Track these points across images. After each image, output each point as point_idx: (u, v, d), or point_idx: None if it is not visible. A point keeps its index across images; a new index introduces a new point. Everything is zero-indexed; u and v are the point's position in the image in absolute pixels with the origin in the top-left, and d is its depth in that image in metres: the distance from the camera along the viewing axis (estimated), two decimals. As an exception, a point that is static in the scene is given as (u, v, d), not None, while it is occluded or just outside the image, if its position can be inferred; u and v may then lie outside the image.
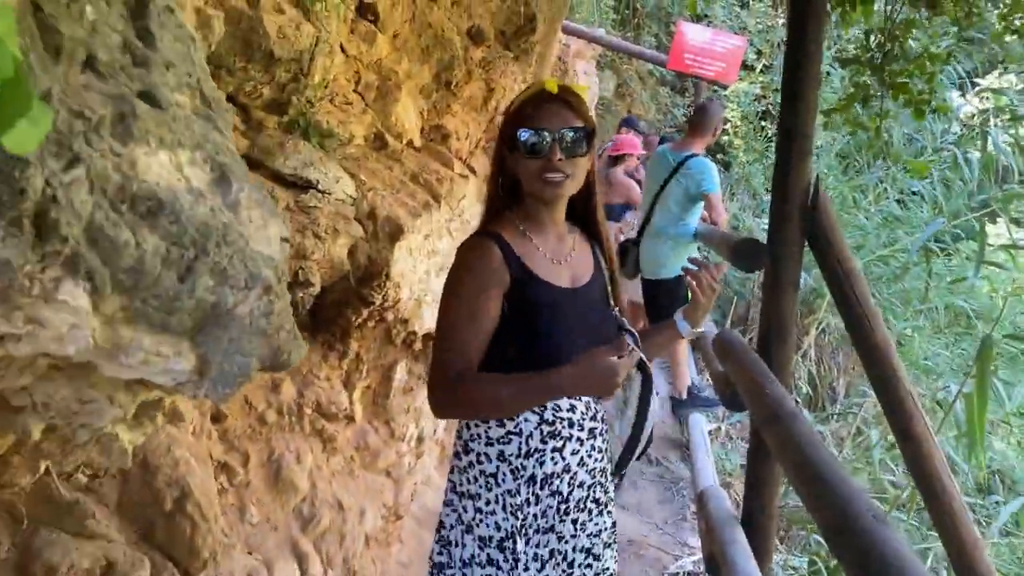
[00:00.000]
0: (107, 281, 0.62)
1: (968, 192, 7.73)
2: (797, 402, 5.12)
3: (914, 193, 8.22)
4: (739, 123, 13.82)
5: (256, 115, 2.60)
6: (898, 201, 8.14)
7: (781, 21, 17.67)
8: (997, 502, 4.51)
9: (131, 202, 0.64)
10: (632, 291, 5.42)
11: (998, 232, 6.56)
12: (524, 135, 1.62)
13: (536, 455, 1.65)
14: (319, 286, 2.56)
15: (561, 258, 1.74)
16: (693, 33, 7.74)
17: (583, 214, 1.83)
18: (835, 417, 5.61)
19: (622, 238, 5.23)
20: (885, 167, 8.10)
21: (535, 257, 1.67)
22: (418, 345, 3.25)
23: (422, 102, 3.59)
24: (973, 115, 9.85)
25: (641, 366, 1.83)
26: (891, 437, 3.99)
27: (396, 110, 3.19)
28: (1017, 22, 2.42)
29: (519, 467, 1.65)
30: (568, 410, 1.67)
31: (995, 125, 8.47)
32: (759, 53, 16.37)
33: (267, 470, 2.56)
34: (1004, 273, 6.22)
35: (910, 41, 2.53)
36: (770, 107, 12.59)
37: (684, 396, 4.82)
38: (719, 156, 12.31)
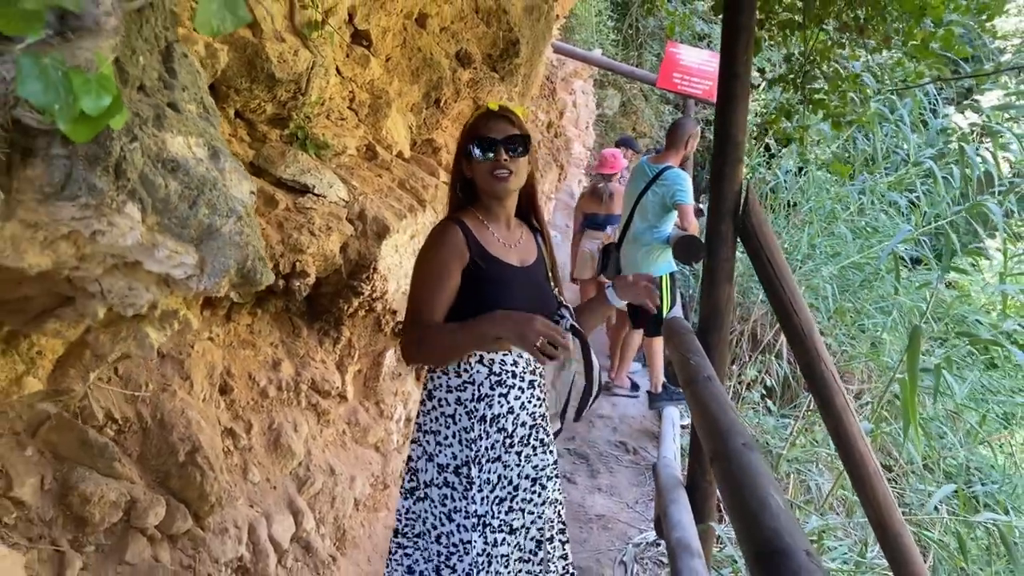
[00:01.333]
0: (149, 205, 1.03)
1: (949, 203, 8.05)
2: (768, 406, 5.45)
3: (896, 205, 8.55)
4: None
5: (260, 128, 3.00)
6: (885, 213, 8.48)
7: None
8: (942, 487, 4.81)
9: (163, 163, 1.05)
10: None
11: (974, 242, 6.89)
12: (477, 143, 2.04)
13: (486, 399, 2.03)
14: (314, 276, 2.94)
15: (511, 243, 2.14)
16: (685, 54, 8.14)
17: (527, 209, 2.25)
18: (808, 412, 5.93)
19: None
20: (866, 180, 8.44)
21: (490, 240, 2.07)
22: (405, 334, 3.62)
23: (412, 118, 3.98)
24: (961, 130, 10.19)
25: (576, 333, 2.20)
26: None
27: (386, 125, 3.59)
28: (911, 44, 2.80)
29: (472, 409, 2.03)
30: (512, 364, 2.07)
31: (977, 140, 8.80)
32: (760, 71, 16.73)
33: (267, 437, 2.93)
34: (976, 278, 6.54)
35: (827, 64, 2.90)
36: (766, 126, 12.93)
37: (659, 390, 5.17)
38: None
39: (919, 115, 8.79)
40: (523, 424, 2.11)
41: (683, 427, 5.26)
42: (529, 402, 2.12)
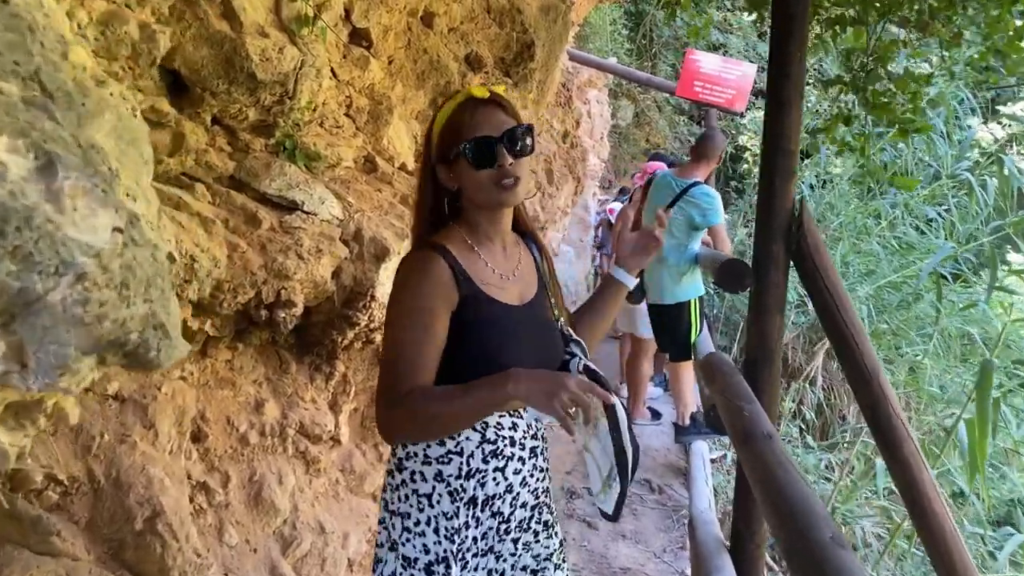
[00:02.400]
0: None
1: (984, 218, 7.63)
2: (805, 439, 5.03)
3: (930, 221, 8.13)
4: (757, 151, 13.85)
5: (242, 137, 2.63)
6: (916, 228, 8.05)
7: (800, 50, 17.72)
8: (1012, 534, 4.38)
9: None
10: (630, 320, 5.39)
11: (1013, 259, 6.45)
12: (472, 146, 1.55)
13: (478, 475, 1.58)
14: (302, 306, 2.57)
15: (509, 272, 1.68)
16: (704, 61, 7.76)
17: (516, 217, 1.76)
18: (845, 445, 5.50)
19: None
20: (899, 194, 8.03)
21: (484, 274, 1.61)
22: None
23: (417, 127, 3.61)
24: (995, 142, 9.77)
25: (591, 373, 1.78)
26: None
27: (388, 134, 3.22)
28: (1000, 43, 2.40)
29: (458, 488, 1.58)
30: (510, 428, 1.63)
31: (1014, 152, 8.37)
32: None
33: (247, 491, 2.55)
34: (1018, 299, 6.12)
35: (893, 62, 2.52)
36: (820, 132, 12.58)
37: (687, 422, 4.76)
38: (733, 183, 12.29)
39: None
40: (523, 505, 1.67)
41: (713, 462, 4.85)
42: (531, 476, 1.67)
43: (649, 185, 5.54)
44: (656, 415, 5.64)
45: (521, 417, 1.65)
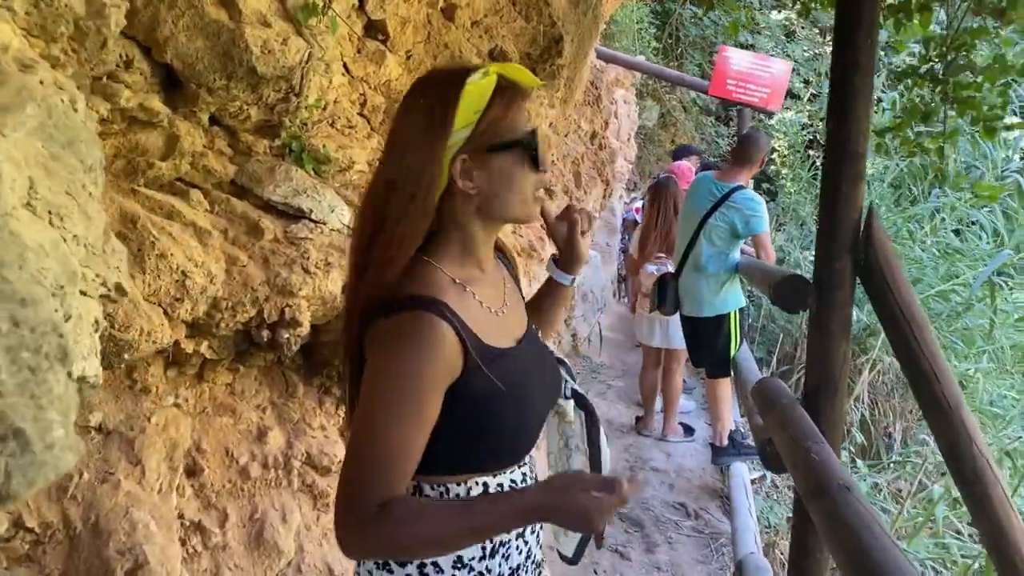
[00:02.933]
0: None
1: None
2: (854, 461, 4.70)
3: (973, 223, 7.75)
4: (786, 152, 13.49)
5: (244, 139, 2.39)
6: (956, 232, 7.68)
7: (829, 49, 17.31)
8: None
9: None
10: (661, 333, 5.09)
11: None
12: (530, 139, 1.26)
13: (503, 549, 1.33)
14: (308, 325, 2.31)
15: (501, 305, 1.36)
16: (736, 58, 7.43)
17: None
18: (891, 467, 5.17)
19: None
20: (942, 195, 7.66)
21: (482, 319, 1.26)
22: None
23: (437, 127, 3.35)
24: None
25: (579, 402, 1.53)
26: (955, 491, 3.59)
27: (405, 134, 2.96)
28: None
29: (483, 572, 1.30)
30: (521, 482, 1.36)
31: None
32: (806, 82, 16.03)
33: (248, 530, 2.30)
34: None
35: (976, 52, 2.22)
36: (817, 136, 12.24)
37: (724, 443, 4.45)
38: (764, 186, 11.94)
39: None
40: (531, 558, 1.41)
41: (753, 482, 4.55)
42: (534, 548, 1.42)
43: (657, 194, 5.24)
44: (689, 431, 5.34)
45: (525, 463, 1.38)
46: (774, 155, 13.67)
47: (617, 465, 4.72)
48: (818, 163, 10.99)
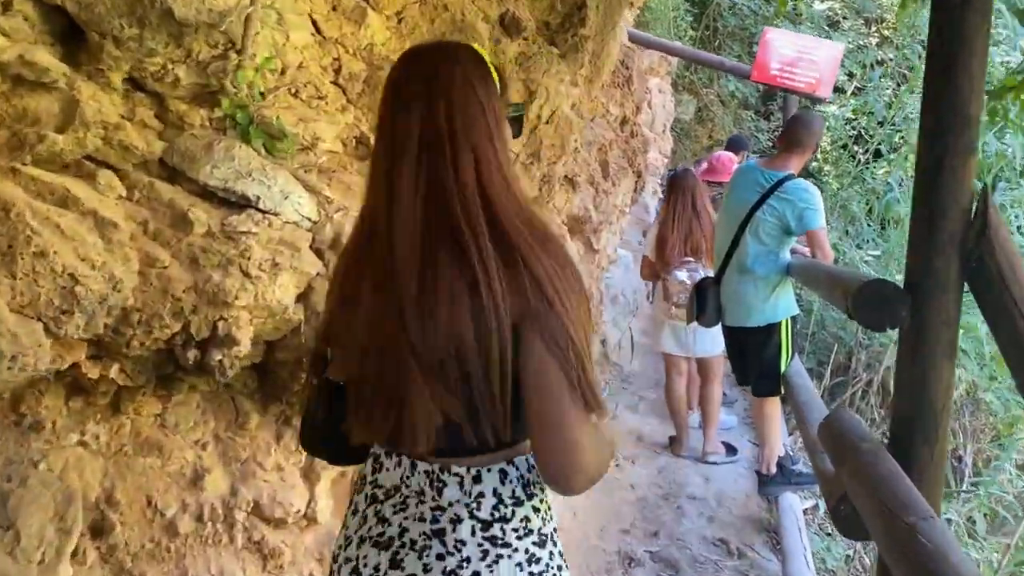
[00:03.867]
0: None
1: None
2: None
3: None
4: (828, 148, 12.77)
5: (175, 108, 1.91)
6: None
7: (874, 41, 16.51)
8: None
9: None
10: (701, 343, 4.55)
11: None
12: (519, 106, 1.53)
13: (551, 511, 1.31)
14: (248, 343, 1.82)
15: None
16: (782, 40, 6.82)
17: None
18: (958, 495, 4.55)
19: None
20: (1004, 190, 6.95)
21: None
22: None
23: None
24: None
25: None
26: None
27: (390, 108, 2.46)
28: None
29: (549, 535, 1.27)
30: None
31: None
32: (850, 75, 15.28)
33: (173, 603, 1.82)
34: None
35: None
36: (862, 131, 11.57)
37: (772, 470, 3.87)
38: (811, 178, 11.26)
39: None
40: None
41: (805, 512, 3.99)
42: None
43: (674, 189, 4.68)
44: (731, 450, 4.77)
45: None
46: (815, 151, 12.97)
47: (648, 492, 4.17)
48: (861, 160, 10.34)
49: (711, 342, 4.48)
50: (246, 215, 1.88)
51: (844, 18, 17.41)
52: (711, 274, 4.02)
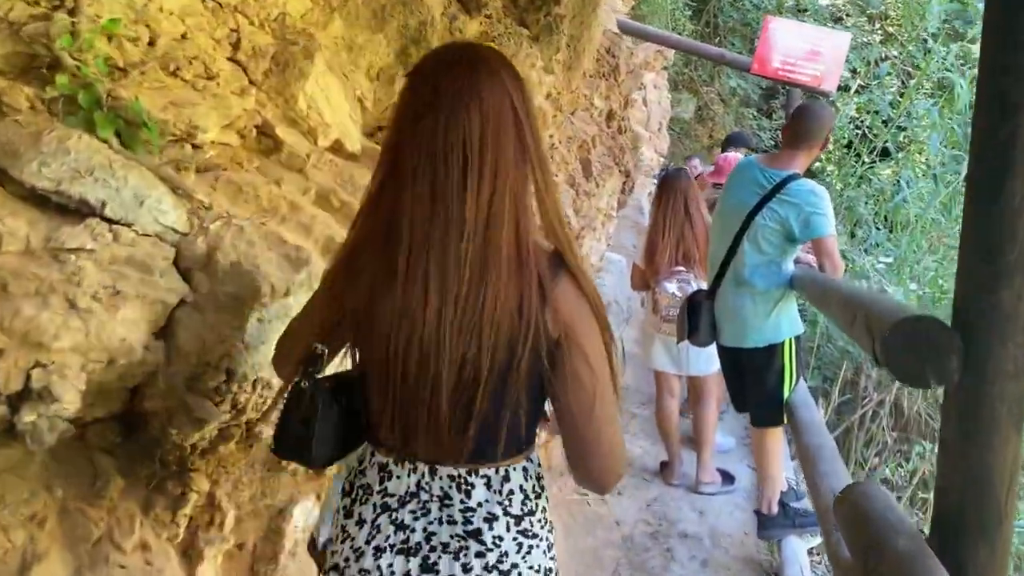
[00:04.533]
0: None
1: None
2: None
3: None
4: (832, 147, 12.35)
5: (-8, 85, 1.46)
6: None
7: (879, 38, 16.11)
8: None
9: None
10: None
11: None
12: None
13: None
14: (76, 398, 1.37)
15: None
16: (784, 30, 6.37)
17: None
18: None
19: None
20: None
21: None
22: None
23: (370, 88, 2.41)
24: None
25: None
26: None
27: (304, 93, 2.01)
28: None
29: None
30: None
31: None
32: (854, 72, 14.85)
33: None
34: None
35: None
36: (866, 130, 11.16)
37: (774, 510, 3.42)
38: (815, 178, 10.83)
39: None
40: None
41: (810, 553, 3.55)
42: None
43: (665, 191, 4.23)
44: (728, 478, 4.33)
45: None
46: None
47: (635, 531, 3.72)
48: (866, 159, 9.95)
49: (707, 359, 4.04)
50: (83, 227, 1.43)
51: (847, 15, 17.03)
52: (704, 286, 3.57)
